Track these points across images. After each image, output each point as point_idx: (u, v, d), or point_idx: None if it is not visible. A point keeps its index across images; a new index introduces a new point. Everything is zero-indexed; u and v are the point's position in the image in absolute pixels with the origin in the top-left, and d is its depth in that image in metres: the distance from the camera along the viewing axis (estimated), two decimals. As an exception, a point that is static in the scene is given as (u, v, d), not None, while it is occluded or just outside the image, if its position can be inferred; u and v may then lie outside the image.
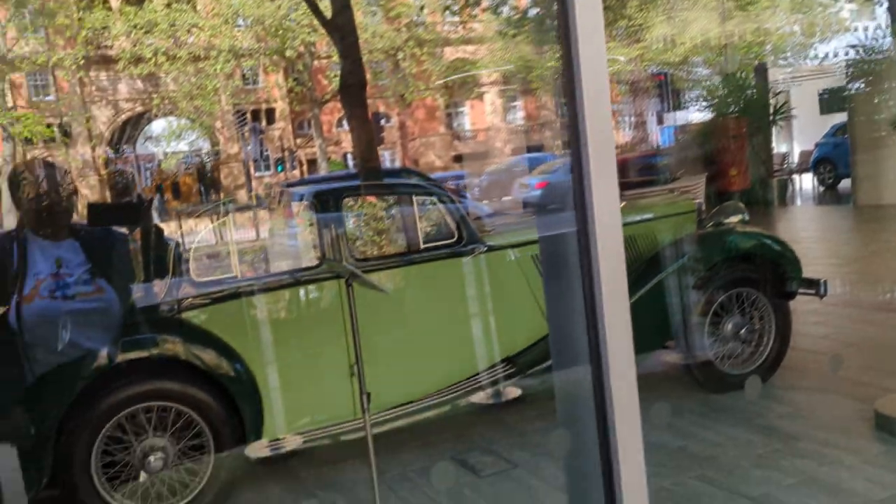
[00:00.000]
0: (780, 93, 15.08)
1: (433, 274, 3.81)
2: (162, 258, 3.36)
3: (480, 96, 36.69)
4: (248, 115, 28.89)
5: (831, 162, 15.42)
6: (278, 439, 3.66)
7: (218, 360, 3.27)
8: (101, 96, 31.97)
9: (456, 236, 3.84)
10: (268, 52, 27.12)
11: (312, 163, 31.79)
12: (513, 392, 4.43)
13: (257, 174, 34.48)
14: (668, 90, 23.46)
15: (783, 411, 3.86)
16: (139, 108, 32.21)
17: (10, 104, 27.76)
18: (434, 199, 3.82)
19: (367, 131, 9.69)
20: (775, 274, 4.25)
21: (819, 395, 4.03)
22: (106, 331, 3.01)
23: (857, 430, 3.52)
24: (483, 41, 31.34)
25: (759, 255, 4.27)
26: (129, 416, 3.15)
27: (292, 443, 3.74)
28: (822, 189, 15.95)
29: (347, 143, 30.86)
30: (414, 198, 3.78)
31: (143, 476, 3.13)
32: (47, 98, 31.85)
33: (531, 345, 4.04)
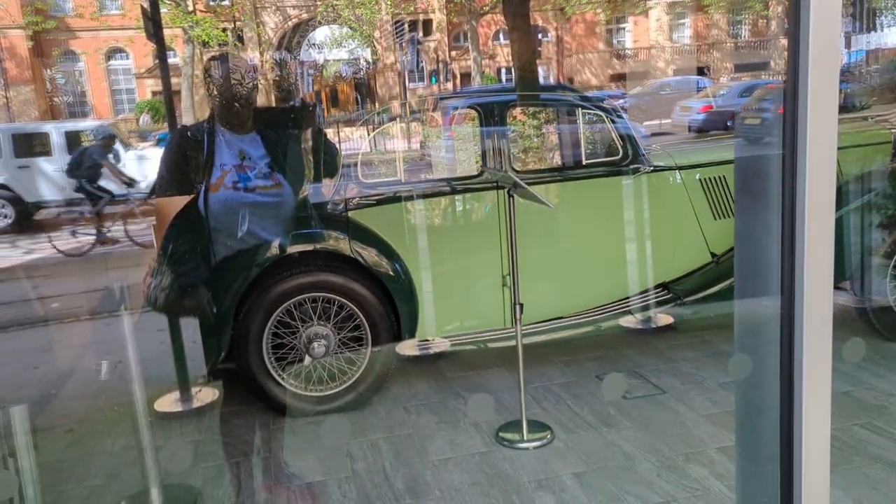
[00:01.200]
0: None
1: (594, 190, 3.72)
2: (331, 160, 3.49)
3: (646, 12, 34.62)
4: (406, 26, 29.02)
5: None
6: (428, 340, 3.79)
7: (379, 258, 3.40)
8: (270, 2, 33.18)
9: (620, 154, 3.71)
10: (429, -40, 26.90)
11: (466, 76, 31.62)
12: (665, 319, 4.31)
13: (411, 85, 34.90)
14: (861, 6, 21.09)
15: (971, 367, 3.52)
16: (305, 15, 33.20)
17: (190, 8, 29.41)
18: (599, 114, 3.69)
19: (529, 44, 9.43)
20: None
21: None
22: (281, 223, 3.19)
23: None
24: (653, -48, 29.40)
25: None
26: (297, 304, 3.36)
27: (441, 345, 3.87)
28: None
29: (502, 57, 30.41)
30: (578, 112, 3.66)
31: (307, 360, 3.36)
32: (224, 2, 33.47)
33: (690, 272, 3.90)
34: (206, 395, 3.75)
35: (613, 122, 3.67)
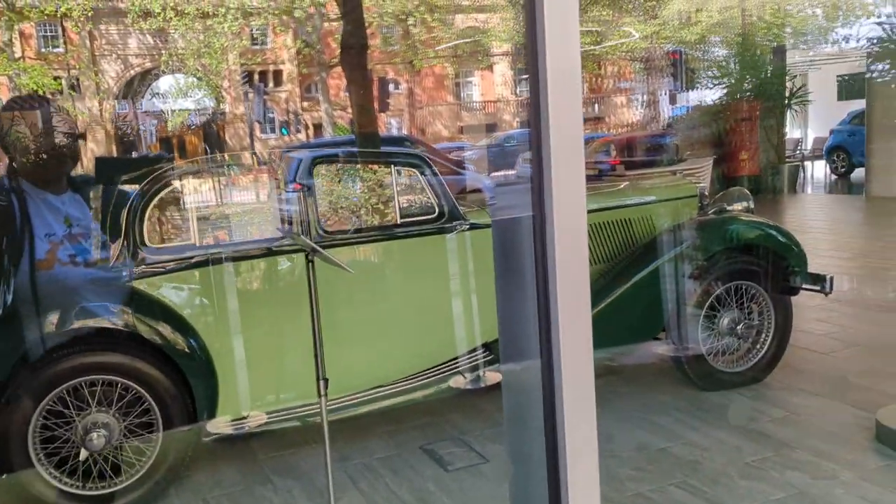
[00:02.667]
0: (795, 76, 14.64)
1: (409, 251, 3.55)
2: (115, 218, 3.11)
3: (490, 67, 36.07)
4: (254, 76, 28.49)
5: (845, 150, 15.06)
6: (239, 418, 3.43)
7: (168, 333, 3.03)
8: (110, 50, 31.57)
9: (436, 211, 3.57)
10: (276, 11, 26.66)
11: (319, 127, 31.40)
12: (494, 377, 4.19)
13: (263, 136, 34.15)
14: (682, 69, 22.93)
15: (777, 415, 3.61)
16: (148, 64, 31.83)
17: (17, 54, 27.39)
18: (416, 171, 3.55)
19: (367, 97, 9.37)
20: (778, 267, 3.99)
21: (817, 399, 3.78)
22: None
23: (857, 441, 3.27)
24: (495, 10, 30.74)
25: (762, 246, 3.99)
26: (71, 390, 2.92)
27: (255, 422, 3.52)
28: (834, 178, 15.59)
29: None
30: (393, 169, 3.51)
31: (83, 454, 2.91)
32: (56, 49, 31.47)
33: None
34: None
35: (428, 177, 3.54)
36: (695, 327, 3.89)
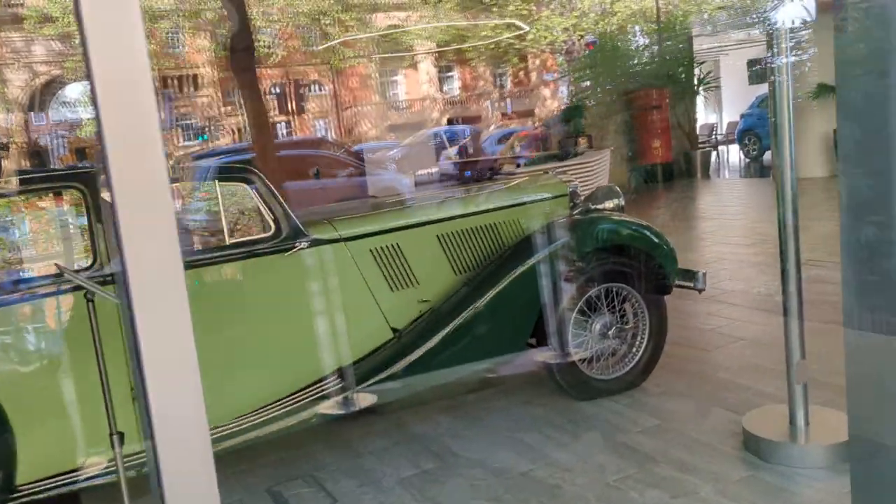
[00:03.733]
0: (704, 62, 14.78)
1: (239, 275, 3.23)
2: None
3: (415, 65, 35.77)
4: (159, 81, 27.54)
5: (756, 134, 15.28)
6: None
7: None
8: (14, 58, 30.11)
9: (273, 229, 3.26)
10: (185, 13, 25.81)
11: (242, 131, 30.59)
12: (366, 400, 3.90)
13: (185, 143, 33.11)
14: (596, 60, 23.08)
15: (648, 424, 3.43)
16: (57, 71, 30.46)
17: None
18: (244, 184, 3.22)
19: (257, 101, 8.97)
20: (650, 267, 3.81)
21: (691, 403, 3.62)
22: None
23: (723, 450, 3.10)
24: (414, 7, 30.51)
25: (631, 246, 3.81)
26: None
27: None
28: (747, 161, 15.83)
29: (275, 111, 29.75)
30: (217, 184, 3.18)
31: None
32: (-49, 61, 29.88)
33: (370, 353, 3.53)
34: None
35: (259, 191, 3.22)
36: (564, 334, 3.68)
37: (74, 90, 28.42)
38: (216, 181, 3.18)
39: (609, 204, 4.08)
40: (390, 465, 3.32)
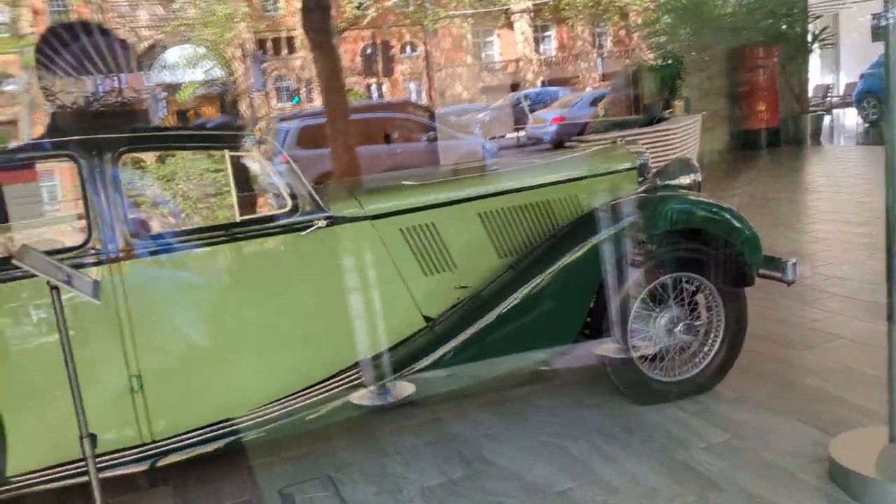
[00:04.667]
0: (819, 17, 13.43)
1: (250, 256, 2.92)
2: None
3: (510, 25, 34.79)
4: (255, 44, 27.90)
5: (876, 96, 13.84)
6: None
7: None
8: (120, 23, 31.32)
9: (289, 205, 2.93)
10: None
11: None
12: (405, 389, 3.56)
13: (278, 105, 33.65)
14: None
15: (715, 440, 2.93)
16: (159, 35, 31.47)
17: (25, 31, 27.29)
18: (244, 156, 2.89)
19: (332, 62, 8.67)
20: (727, 255, 3.26)
21: (769, 415, 3.09)
22: None
23: (804, 479, 2.59)
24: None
25: (705, 230, 3.27)
26: None
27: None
28: (865, 125, 14.43)
29: (364, 73, 29.63)
30: (227, 154, 2.86)
31: None
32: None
33: (398, 343, 3.18)
34: None
35: (272, 163, 2.89)
36: (624, 329, 3.21)
37: (173, 54, 29.23)
38: (227, 151, 2.86)
39: (684, 180, 3.54)
40: (416, 470, 2.98)
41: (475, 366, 3.21)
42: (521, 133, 18.92)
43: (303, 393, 3.03)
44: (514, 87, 32.42)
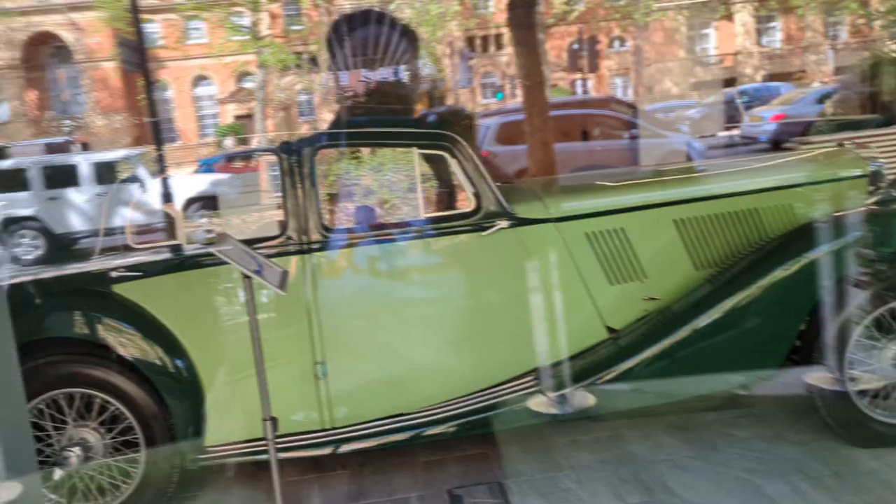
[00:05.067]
0: None
1: (433, 253, 2.91)
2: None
3: (729, 16, 32.62)
4: (465, 42, 28.50)
5: None
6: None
7: (143, 344, 2.72)
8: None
9: (473, 204, 2.88)
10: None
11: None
12: (585, 400, 3.40)
13: (483, 101, 34.28)
14: None
15: (951, 502, 2.47)
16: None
17: (262, 34, 29.97)
18: (445, 153, 2.87)
19: (533, 58, 8.58)
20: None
21: None
22: None
23: None
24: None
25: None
26: (51, 401, 2.74)
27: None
28: None
29: (570, 68, 29.29)
30: (417, 152, 2.86)
31: (56, 473, 2.72)
32: (295, 27, 34.18)
33: (576, 354, 3.02)
34: None
35: (459, 160, 2.85)
36: (841, 358, 2.82)
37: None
38: (415, 149, 2.87)
39: (926, 190, 3.03)
40: (588, 490, 2.81)
41: (663, 383, 2.99)
42: (735, 132, 17.66)
43: (480, 394, 2.98)
44: (730, 82, 30.40)
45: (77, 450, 2.71)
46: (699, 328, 2.90)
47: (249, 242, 3.00)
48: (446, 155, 2.86)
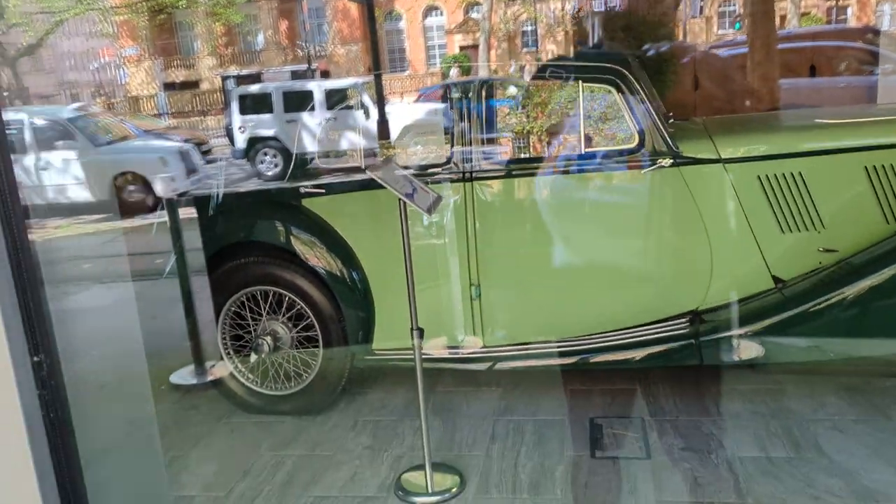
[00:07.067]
0: None
1: (593, 188, 2.93)
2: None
3: None
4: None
5: None
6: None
7: (323, 254, 3.08)
8: None
9: (636, 140, 2.85)
10: None
11: (783, 18, 28.02)
12: (752, 350, 3.30)
13: (719, 32, 31.85)
14: None
15: None
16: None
17: None
18: (611, 88, 2.85)
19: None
20: None
21: None
22: None
23: None
24: None
25: None
26: (252, 296, 3.20)
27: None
28: None
29: (825, -6, 26.23)
30: (582, 86, 2.86)
31: (252, 357, 3.20)
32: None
33: (737, 300, 2.93)
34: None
35: (625, 95, 2.82)
36: None
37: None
38: (580, 82, 2.88)
39: None
40: (732, 438, 2.77)
41: (838, 342, 2.82)
42: None
43: (636, 329, 3.01)
44: None
45: (269, 339, 3.16)
46: (879, 284, 2.68)
47: (424, 168, 3.25)
48: (612, 89, 2.84)
